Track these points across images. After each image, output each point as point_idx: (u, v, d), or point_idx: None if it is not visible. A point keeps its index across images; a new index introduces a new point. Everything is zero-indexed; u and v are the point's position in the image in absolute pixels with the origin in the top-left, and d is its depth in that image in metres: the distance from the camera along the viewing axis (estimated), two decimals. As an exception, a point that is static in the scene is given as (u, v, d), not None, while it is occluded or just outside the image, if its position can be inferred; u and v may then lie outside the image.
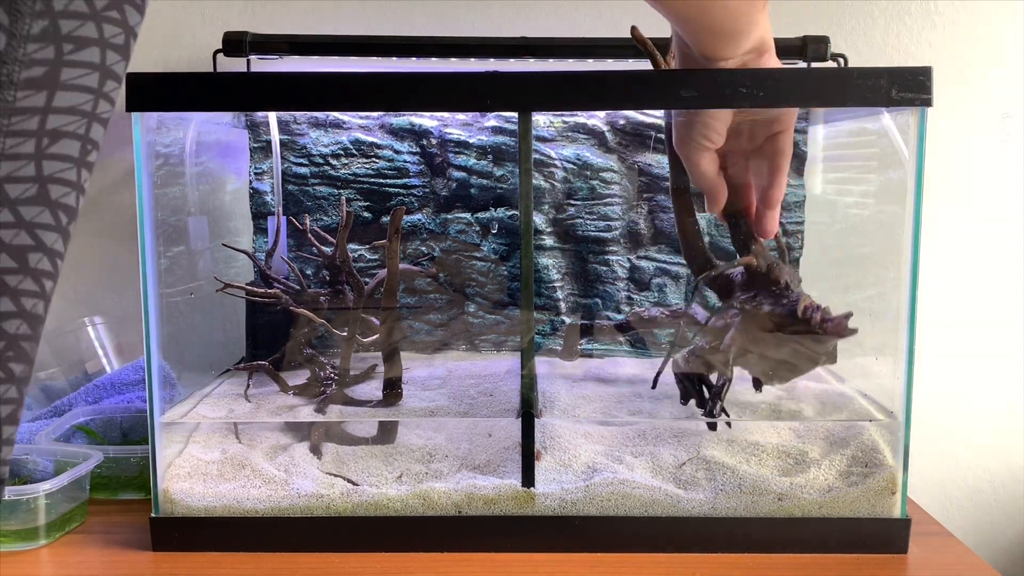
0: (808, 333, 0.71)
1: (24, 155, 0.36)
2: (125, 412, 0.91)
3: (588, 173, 0.95)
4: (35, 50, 0.35)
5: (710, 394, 0.75)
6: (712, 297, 0.80)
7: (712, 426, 0.75)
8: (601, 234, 0.96)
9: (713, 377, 0.75)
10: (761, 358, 0.74)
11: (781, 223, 0.96)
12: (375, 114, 0.95)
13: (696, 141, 0.67)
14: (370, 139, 0.96)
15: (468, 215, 0.96)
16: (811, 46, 0.88)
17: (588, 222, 0.96)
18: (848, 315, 0.72)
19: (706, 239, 0.81)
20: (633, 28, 0.71)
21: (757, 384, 0.76)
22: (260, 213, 0.96)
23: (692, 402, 0.78)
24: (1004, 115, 0.92)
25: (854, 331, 0.72)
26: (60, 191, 0.38)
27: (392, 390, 0.80)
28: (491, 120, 0.95)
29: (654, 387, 0.77)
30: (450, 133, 0.95)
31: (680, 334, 0.78)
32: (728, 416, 0.74)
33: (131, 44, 0.39)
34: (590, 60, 0.92)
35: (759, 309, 0.72)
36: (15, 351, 0.38)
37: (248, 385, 0.83)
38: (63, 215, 0.38)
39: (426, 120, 0.96)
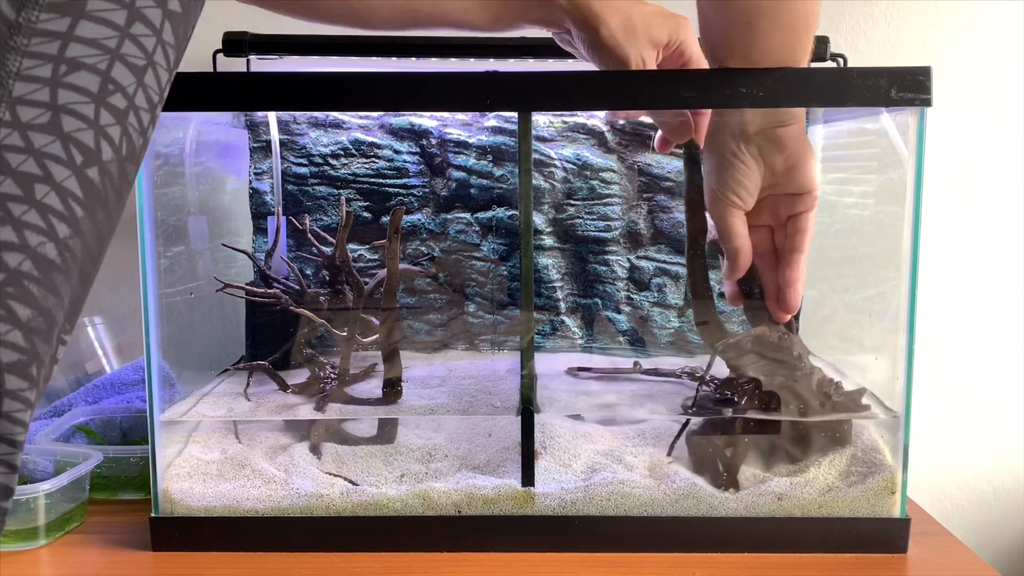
0: (822, 408, 0.72)
1: (40, 79, 0.35)
2: (125, 412, 0.91)
3: (588, 173, 0.95)
4: None
5: (724, 467, 0.74)
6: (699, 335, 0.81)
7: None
8: (601, 234, 0.96)
9: (728, 451, 0.75)
10: (774, 436, 0.75)
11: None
12: (375, 114, 0.95)
13: (728, 198, 0.68)
14: (370, 139, 0.96)
15: (468, 215, 0.96)
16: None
17: (588, 222, 0.96)
18: (862, 391, 0.73)
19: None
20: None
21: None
22: (260, 213, 0.96)
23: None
24: None
25: (867, 408, 0.73)
26: (74, 124, 0.36)
27: (392, 389, 0.80)
28: (491, 120, 0.95)
29: (669, 454, 0.76)
30: (450, 133, 0.95)
31: (697, 400, 0.78)
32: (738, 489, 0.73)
33: None
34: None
35: (772, 381, 0.73)
36: (17, 288, 0.36)
37: (248, 384, 0.83)
38: (77, 152, 0.36)
39: (426, 120, 0.96)
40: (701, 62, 0.70)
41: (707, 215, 0.74)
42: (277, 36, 0.90)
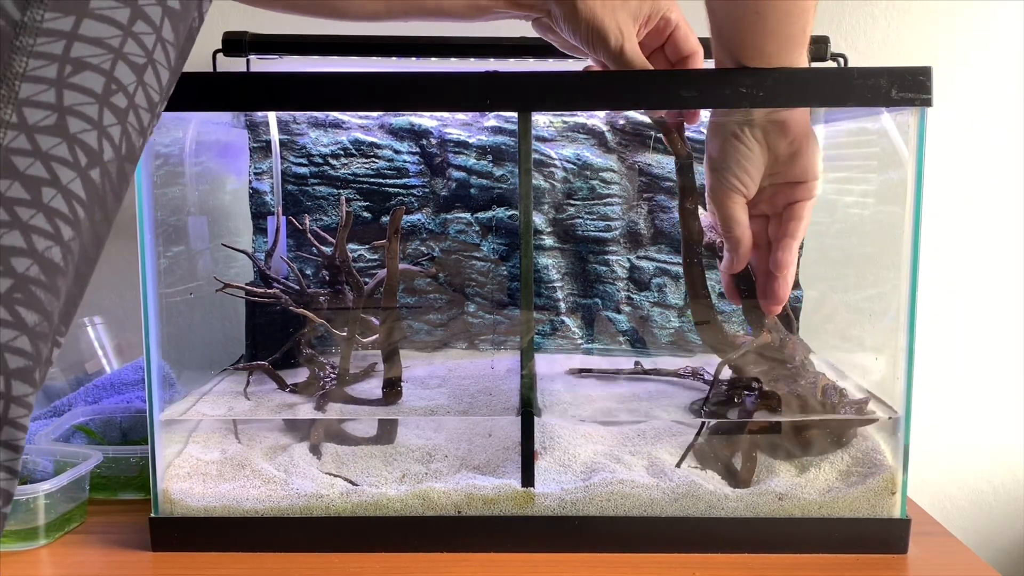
0: (827, 417, 0.72)
1: (46, 80, 0.35)
2: (125, 412, 0.91)
3: (588, 173, 0.95)
4: None
5: (740, 466, 0.74)
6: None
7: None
8: (601, 234, 0.96)
9: (737, 461, 0.75)
10: (780, 441, 0.75)
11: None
12: (375, 114, 0.95)
13: (730, 182, 0.67)
14: (370, 139, 0.96)
15: (468, 215, 0.96)
16: (811, 46, 0.87)
17: (588, 222, 0.96)
18: (866, 400, 0.73)
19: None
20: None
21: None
22: (260, 213, 0.96)
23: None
24: None
25: (874, 419, 0.73)
26: (79, 126, 0.36)
27: (392, 389, 0.80)
28: (491, 120, 0.95)
29: (679, 466, 0.75)
30: (450, 133, 0.95)
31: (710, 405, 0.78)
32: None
33: None
34: (590, 60, 0.92)
35: (777, 390, 0.74)
36: (25, 294, 0.35)
37: (248, 383, 0.83)
38: (82, 154, 0.36)
39: (426, 120, 0.96)
40: (688, 37, 0.69)
41: (701, 221, 0.74)
42: (277, 36, 0.90)
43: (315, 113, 0.94)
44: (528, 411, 0.72)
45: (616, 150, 0.96)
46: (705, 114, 0.71)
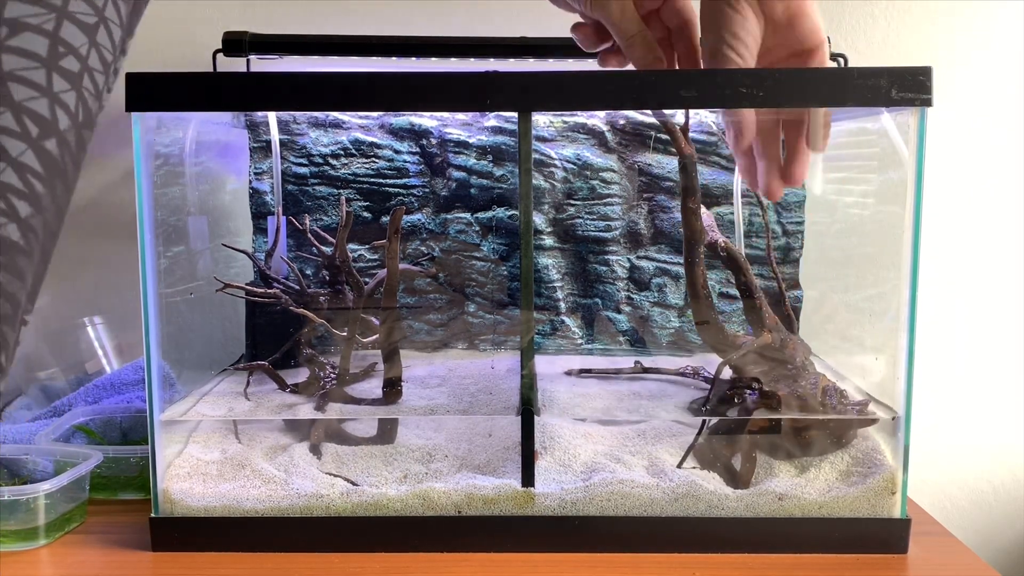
0: (827, 418, 0.72)
1: None
2: (125, 412, 0.91)
3: (588, 173, 0.95)
4: None
5: (740, 466, 0.74)
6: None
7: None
8: (601, 234, 0.96)
9: (736, 462, 0.75)
10: (781, 441, 0.75)
11: (781, 223, 0.96)
12: (375, 114, 0.95)
13: (725, 55, 0.62)
14: (370, 139, 0.96)
15: (468, 215, 0.96)
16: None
17: (588, 222, 0.96)
18: (867, 401, 0.73)
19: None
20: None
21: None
22: (260, 213, 0.96)
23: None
24: None
25: (875, 419, 0.73)
26: (25, 92, 0.33)
27: (392, 389, 0.80)
28: (491, 120, 0.95)
29: (680, 466, 0.74)
30: (450, 133, 0.95)
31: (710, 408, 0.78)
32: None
33: None
34: (590, 60, 0.92)
35: (777, 391, 0.73)
36: None
37: (248, 383, 0.83)
38: (31, 123, 0.34)
39: (426, 120, 0.96)
40: (686, 5, 0.67)
41: (703, 221, 0.73)
42: (277, 36, 0.90)
43: (315, 113, 0.94)
44: (528, 411, 0.72)
45: (616, 150, 0.96)
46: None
